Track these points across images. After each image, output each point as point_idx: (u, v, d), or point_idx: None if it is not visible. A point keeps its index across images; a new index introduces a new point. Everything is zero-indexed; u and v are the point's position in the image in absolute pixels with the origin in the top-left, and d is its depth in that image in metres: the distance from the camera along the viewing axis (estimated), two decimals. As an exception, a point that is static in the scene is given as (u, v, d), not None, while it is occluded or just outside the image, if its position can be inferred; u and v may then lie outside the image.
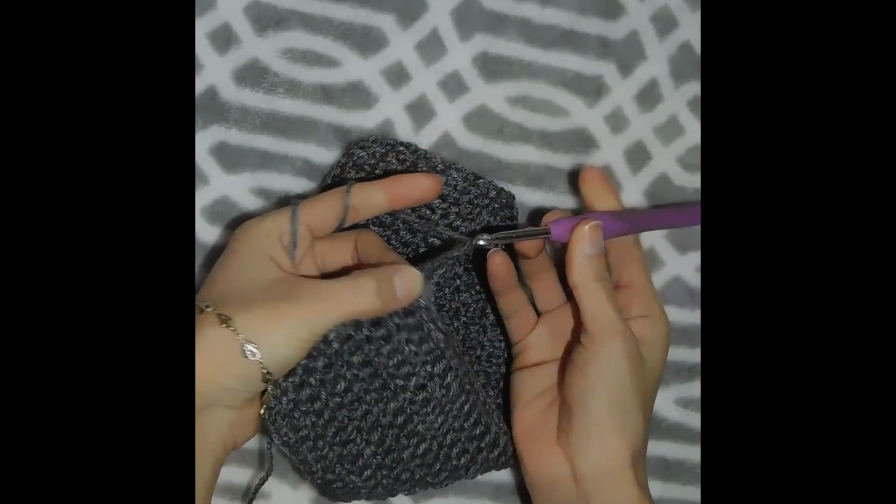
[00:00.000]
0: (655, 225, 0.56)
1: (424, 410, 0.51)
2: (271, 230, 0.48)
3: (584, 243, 0.50)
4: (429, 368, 0.50)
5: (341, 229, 0.50)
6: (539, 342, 0.54)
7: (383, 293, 0.47)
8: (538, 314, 0.55)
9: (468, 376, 0.51)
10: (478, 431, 0.51)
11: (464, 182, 0.54)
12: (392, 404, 0.50)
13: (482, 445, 0.52)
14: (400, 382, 0.50)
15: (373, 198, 0.50)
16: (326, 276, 0.50)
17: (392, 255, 0.50)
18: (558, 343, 0.53)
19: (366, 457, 0.51)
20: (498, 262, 0.52)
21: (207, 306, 0.46)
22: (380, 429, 0.51)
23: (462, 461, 0.52)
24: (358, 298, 0.47)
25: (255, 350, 0.45)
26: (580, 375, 0.50)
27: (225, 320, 0.45)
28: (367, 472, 0.52)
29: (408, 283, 0.48)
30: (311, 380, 0.49)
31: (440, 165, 0.54)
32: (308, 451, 0.51)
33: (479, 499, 0.57)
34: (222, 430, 0.47)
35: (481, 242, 0.50)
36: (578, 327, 0.51)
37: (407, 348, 0.49)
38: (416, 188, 0.50)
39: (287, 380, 0.49)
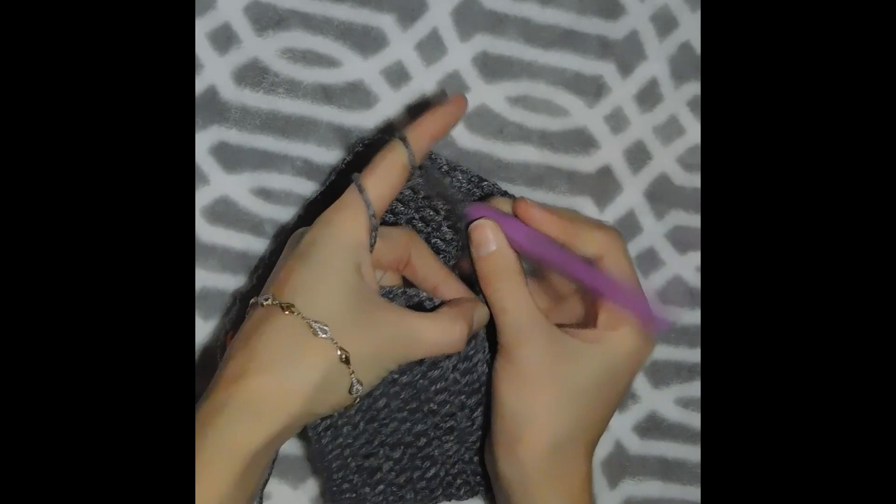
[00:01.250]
0: (563, 268, 0.50)
1: (446, 437, 0.51)
2: (355, 232, 0.46)
3: (474, 244, 0.48)
4: (463, 399, 0.50)
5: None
6: None
7: (468, 335, 0.47)
8: None
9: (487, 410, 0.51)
10: (482, 468, 0.52)
11: (468, 184, 0.54)
12: (419, 426, 0.51)
13: (480, 480, 0.53)
14: (434, 407, 0.50)
15: (422, 144, 0.48)
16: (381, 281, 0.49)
17: (452, 277, 0.50)
18: None
19: (383, 471, 0.51)
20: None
21: (319, 325, 0.44)
22: (402, 447, 0.51)
23: (461, 492, 0.53)
24: (449, 341, 0.46)
25: (359, 386, 0.44)
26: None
27: (339, 350, 0.44)
28: (380, 488, 0.52)
29: (482, 319, 0.48)
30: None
31: (445, 166, 0.54)
32: (335, 458, 0.50)
33: (478, 498, 0.57)
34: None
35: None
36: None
37: (452, 376, 0.49)
38: (452, 115, 0.49)
39: None
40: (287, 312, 0.43)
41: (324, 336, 0.43)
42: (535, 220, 0.49)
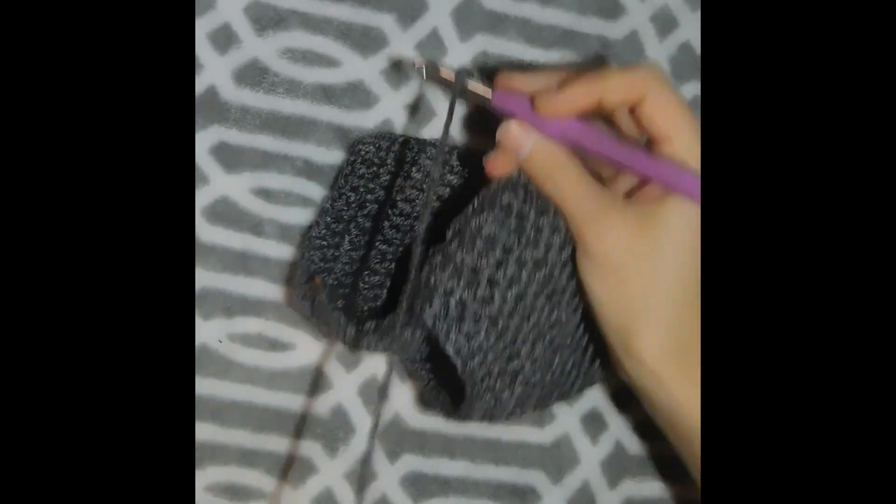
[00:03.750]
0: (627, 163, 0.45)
1: (582, 321, 0.47)
2: None
3: (508, 150, 0.45)
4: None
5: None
6: None
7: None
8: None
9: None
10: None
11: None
12: (555, 312, 0.46)
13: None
14: (567, 283, 0.45)
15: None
16: None
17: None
18: None
19: (525, 372, 0.46)
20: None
21: None
22: (542, 340, 0.46)
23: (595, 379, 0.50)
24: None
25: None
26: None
27: None
28: (519, 390, 0.47)
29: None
30: (480, 279, 0.44)
31: (447, 149, 0.54)
32: (478, 366, 0.45)
33: (479, 499, 0.57)
34: None
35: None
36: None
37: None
38: None
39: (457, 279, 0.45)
40: None
41: None
42: (533, 87, 0.45)
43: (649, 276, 0.43)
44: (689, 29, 0.59)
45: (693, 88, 0.59)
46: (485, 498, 0.57)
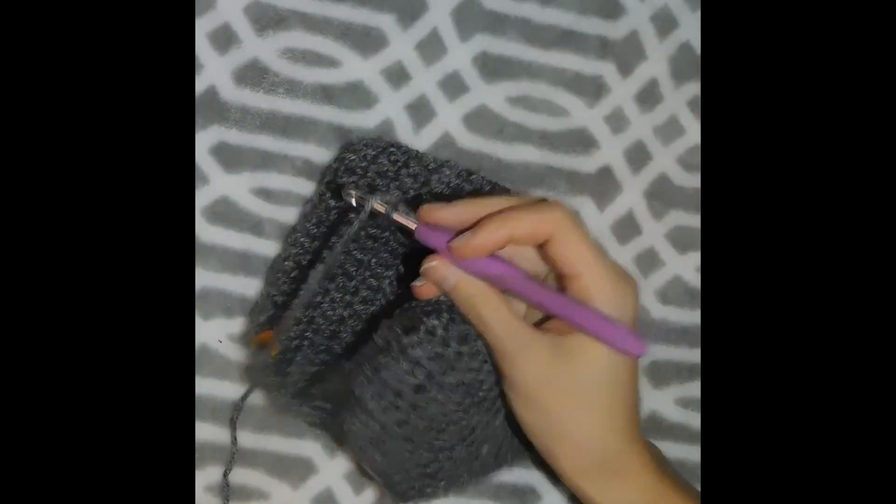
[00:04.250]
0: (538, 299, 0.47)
1: (496, 416, 0.51)
2: None
3: (436, 284, 0.48)
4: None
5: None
6: None
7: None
8: None
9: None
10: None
11: (456, 178, 0.54)
12: (474, 418, 0.50)
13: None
14: (482, 394, 0.49)
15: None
16: None
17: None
18: None
19: (445, 470, 0.51)
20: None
21: None
22: (461, 444, 0.51)
23: (510, 459, 0.54)
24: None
25: None
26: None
27: None
28: (443, 483, 0.52)
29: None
30: (400, 403, 0.49)
31: (432, 164, 0.53)
32: (396, 472, 0.51)
33: (478, 499, 0.57)
34: None
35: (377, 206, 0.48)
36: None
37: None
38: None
39: (376, 401, 0.49)
40: None
41: None
42: (452, 221, 0.47)
43: (566, 404, 0.47)
44: (689, 29, 0.59)
45: (693, 88, 0.59)
46: (485, 498, 0.57)
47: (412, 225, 0.48)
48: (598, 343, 0.46)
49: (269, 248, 0.55)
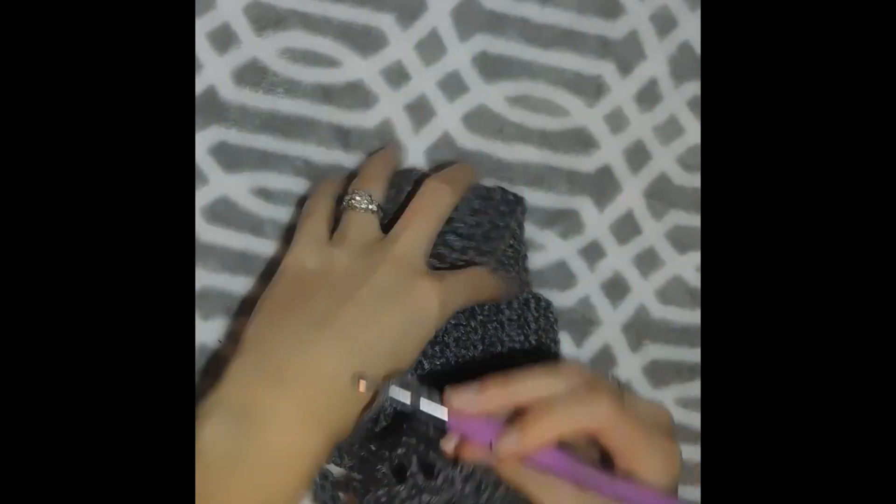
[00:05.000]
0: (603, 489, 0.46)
1: None
2: None
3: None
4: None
5: None
6: None
7: None
8: None
9: None
10: None
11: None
12: None
13: None
14: None
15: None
16: None
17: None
18: None
19: None
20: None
21: None
22: None
23: None
24: None
25: None
26: None
27: None
28: None
29: None
30: None
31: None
32: None
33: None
34: None
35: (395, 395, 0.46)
36: None
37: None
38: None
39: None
40: None
41: None
42: (486, 409, 0.46)
43: None
44: (689, 28, 0.59)
45: (693, 88, 0.59)
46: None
47: (443, 416, 0.45)
48: None
49: (268, 248, 0.55)
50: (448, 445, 0.46)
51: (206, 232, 0.55)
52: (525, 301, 0.55)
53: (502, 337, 0.54)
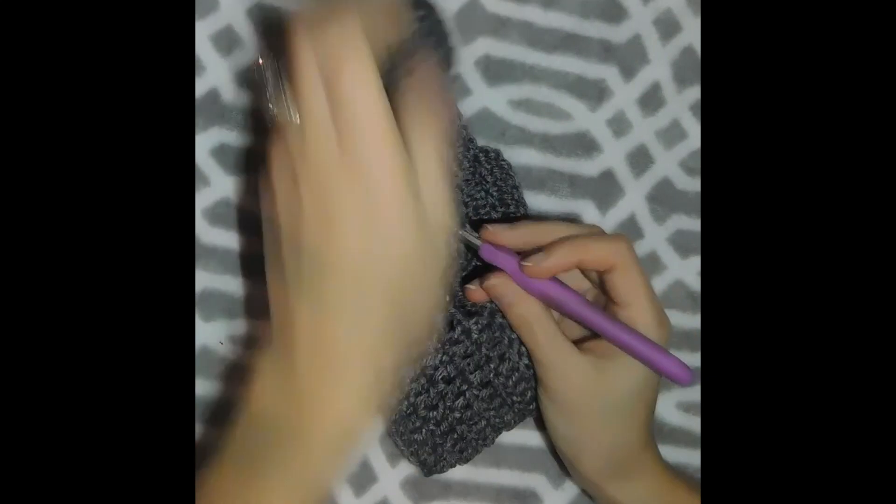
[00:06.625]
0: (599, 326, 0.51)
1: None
2: None
3: (494, 299, 0.51)
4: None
5: None
6: None
7: None
8: None
9: None
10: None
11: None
12: (507, 416, 0.54)
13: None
14: (516, 399, 0.53)
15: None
16: None
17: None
18: None
19: (473, 445, 0.54)
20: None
21: None
22: (485, 422, 0.54)
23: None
24: None
25: None
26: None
27: None
28: (467, 452, 0.55)
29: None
30: (432, 391, 0.52)
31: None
32: (428, 452, 0.53)
33: (480, 501, 0.57)
34: None
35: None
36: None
37: (521, 363, 0.52)
38: None
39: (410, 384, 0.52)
40: None
41: None
42: (516, 243, 0.51)
43: (595, 416, 0.51)
44: (692, 33, 0.59)
45: (695, 92, 0.59)
46: (486, 501, 0.57)
47: (477, 243, 0.50)
48: (637, 366, 0.50)
49: (270, 249, 0.55)
50: (472, 288, 0.51)
51: (206, 233, 0.55)
52: (475, 157, 0.55)
53: (464, 199, 0.54)
